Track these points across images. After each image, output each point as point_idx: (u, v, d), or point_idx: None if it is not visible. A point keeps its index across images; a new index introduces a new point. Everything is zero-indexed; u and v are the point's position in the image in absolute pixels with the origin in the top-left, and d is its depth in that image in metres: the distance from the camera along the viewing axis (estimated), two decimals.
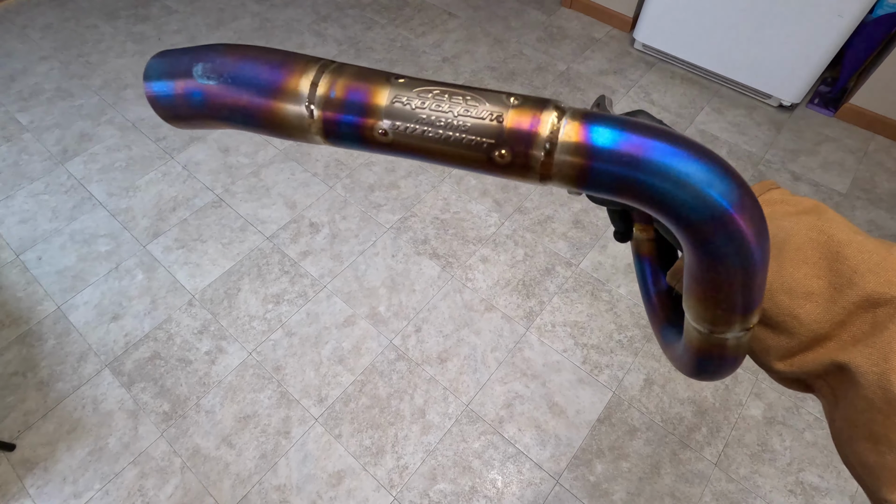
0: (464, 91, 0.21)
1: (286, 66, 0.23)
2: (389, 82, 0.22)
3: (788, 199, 0.27)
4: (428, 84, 0.22)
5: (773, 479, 1.14)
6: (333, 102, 0.22)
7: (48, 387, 1.25)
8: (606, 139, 0.20)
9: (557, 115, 0.20)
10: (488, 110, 0.21)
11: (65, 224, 1.53)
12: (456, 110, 0.21)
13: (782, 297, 0.24)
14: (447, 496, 1.12)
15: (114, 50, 2.04)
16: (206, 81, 0.23)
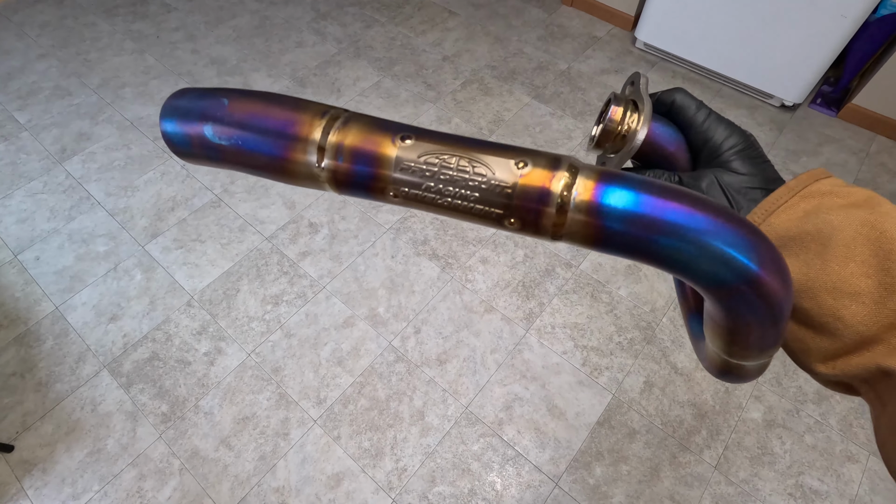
0: (471, 155, 0.21)
1: (293, 125, 0.23)
2: (395, 142, 0.22)
3: (838, 191, 0.25)
4: (433, 144, 0.22)
5: (773, 483, 1.14)
6: (343, 167, 0.22)
7: (46, 388, 1.24)
8: (621, 202, 0.19)
9: (569, 179, 0.20)
10: (496, 181, 0.21)
11: (63, 224, 1.53)
12: (463, 178, 0.21)
13: (826, 296, 0.23)
14: (446, 498, 1.12)
15: (112, 48, 2.03)
16: (218, 141, 0.24)
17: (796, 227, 0.24)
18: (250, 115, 0.23)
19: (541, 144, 1.75)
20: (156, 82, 1.91)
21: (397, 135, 0.22)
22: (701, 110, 0.29)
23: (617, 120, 0.28)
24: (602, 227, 0.20)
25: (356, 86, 1.92)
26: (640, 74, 0.30)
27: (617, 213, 0.19)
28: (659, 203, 0.19)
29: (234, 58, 2.01)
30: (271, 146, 0.23)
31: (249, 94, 0.24)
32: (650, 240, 0.19)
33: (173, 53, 2.02)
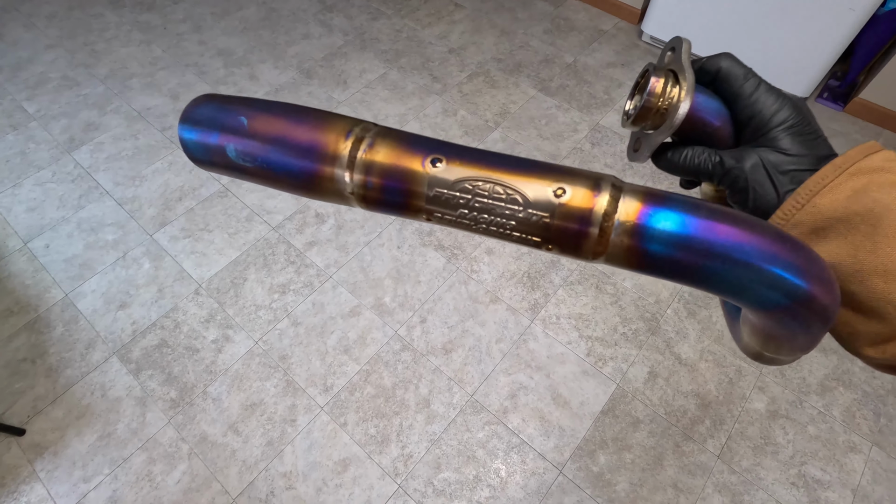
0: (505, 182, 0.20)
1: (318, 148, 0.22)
2: (425, 167, 0.21)
3: (891, 166, 0.23)
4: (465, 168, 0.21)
5: (776, 472, 1.15)
6: (372, 192, 0.22)
7: (57, 373, 1.26)
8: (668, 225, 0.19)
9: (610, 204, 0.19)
10: (534, 210, 0.20)
11: (72, 213, 1.54)
12: (498, 206, 0.20)
13: (876, 280, 0.22)
14: (451, 485, 1.13)
15: (119, 39, 2.04)
16: (241, 162, 0.23)
17: (843, 208, 0.23)
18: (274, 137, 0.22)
19: (546, 137, 1.75)
20: (163, 73, 1.92)
21: (427, 157, 0.21)
22: (749, 80, 0.26)
23: (657, 93, 0.26)
24: (646, 251, 0.19)
25: (362, 77, 1.92)
26: (681, 39, 0.27)
27: (662, 237, 0.19)
28: (706, 227, 0.18)
29: (241, 49, 2.01)
30: (297, 169, 0.22)
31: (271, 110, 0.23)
32: (697, 265, 0.19)
33: (180, 44, 2.02)
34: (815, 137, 0.25)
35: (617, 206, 0.19)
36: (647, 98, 0.26)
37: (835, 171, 0.23)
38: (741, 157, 0.26)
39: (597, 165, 1.68)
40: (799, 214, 0.24)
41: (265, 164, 0.23)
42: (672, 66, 0.27)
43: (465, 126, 1.78)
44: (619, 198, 0.19)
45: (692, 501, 1.12)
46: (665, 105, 0.26)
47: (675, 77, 0.26)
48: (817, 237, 0.24)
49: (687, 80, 0.25)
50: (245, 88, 1.87)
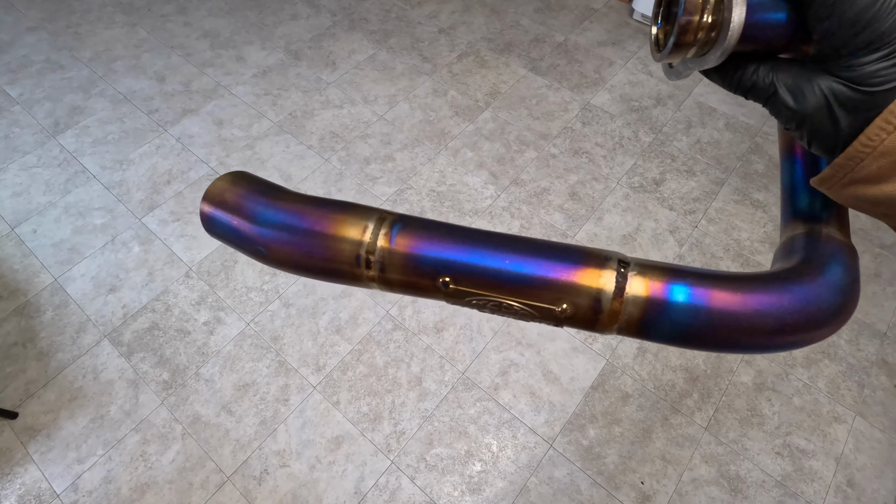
0: (513, 299, 0.22)
1: (335, 270, 0.24)
2: (438, 287, 0.23)
3: None
4: (476, 288, 0.23)
5: (761, 443, 1.17)
6: (392, 289, 0.25)
7: (48, 357, 1.26)
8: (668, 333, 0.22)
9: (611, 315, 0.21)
10: (543, 317, 0.23)
11: (59, 197, 1.52)
12: (512, 311, 0.23)
13: None
14: (443, 460, 1.15)
15: (103, 21, 2.00)
16: (259, 249, 0.25)
17: None
18: (294, 253, 0.24)
19: (537, 117, 1.75)
20: (148, 55, 1.89)
21: (437, 280, 0.23)
22: None
23: (698, 3, 0.20)
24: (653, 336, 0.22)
25: (351, 58, 1.90)
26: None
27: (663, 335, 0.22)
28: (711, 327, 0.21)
29: (227, 30, 1.98)
30: (318, 272, 0.25)
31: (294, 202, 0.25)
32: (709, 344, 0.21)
33: (165, 26, 1.99)
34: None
35: (618, 318, 0.21)
36: (686, 15, 0.20)
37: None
38: (804, 87, 0.20)
39: (587, 145, 1.68)
40: (888, 140, 0.19)
41: (290, 264, 0.25)
42: None
43: (456, 106, 1.77)
44: (620, 310, 0.21)
45: (680, 472, 1.14)
46: (708, 20, 0.20)
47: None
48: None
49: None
50: (232, 70, 1.85)
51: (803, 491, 1.11)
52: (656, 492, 1.12)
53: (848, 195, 0.21)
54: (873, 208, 0.21)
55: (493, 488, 1.12)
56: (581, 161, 1.64)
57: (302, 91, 1.80)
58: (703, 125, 1.74)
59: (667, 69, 0.25)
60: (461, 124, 1.72)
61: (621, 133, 1.72)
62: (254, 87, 1.80)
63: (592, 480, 1.13)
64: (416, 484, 1.12)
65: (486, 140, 1.68)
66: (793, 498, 1.11)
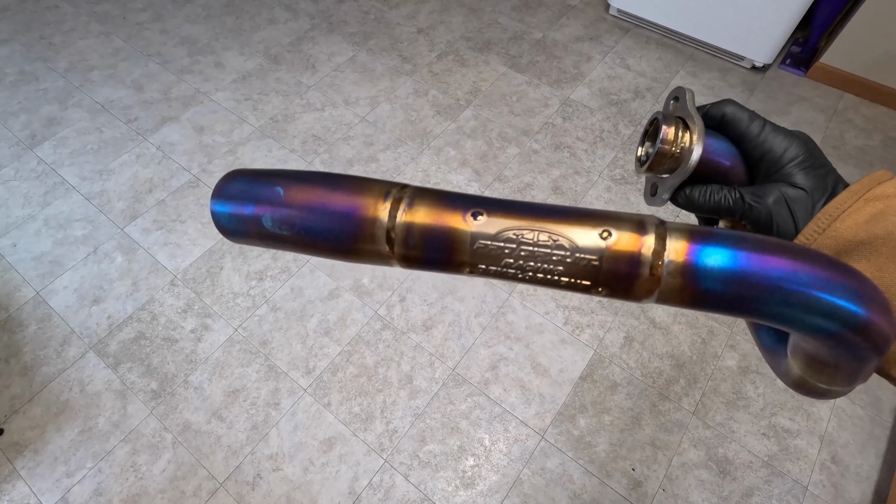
0: (551, 228, 0.20)
1: (356, 211, 0.22)
2: (467, 220, 0.21)
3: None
4: (508, 219, 0.20)
5: (748, 424, 1.20)
6: (414, 252, 0.21)
7: (32, 371, 1.24)
8: (718, 261, 0.19)
9: (659, 243, 0.19)
10: (581, 256, 0.20)
11: (38, 210, 1.50)
12: (545, 256, 0.20)
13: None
14: (436, 456, 1.15)
15: (77, 31, 1.97)
16: (278, 231, 0.23)
17: (865, 232, 0.23)
18: (312, 204, 0.22)
19: (518, 113, 1.76)
20: (125, 64, 1.87)
21: (468, 211, 0.21)
22: (755, 121, 0.28)
23: (670, 139, 0.27)
24: (699, 289, 0.19)
25: (331, 61, 1.90)
26: (684, 89, 0.29)
27: (715, 273, 0.19)
28: (758, 260, 0.18)
29: (205, 37, 1.97)
30: (337, 235, 0.22)
31: (307, 179, 0.23)
32: (752, 298, 0.19)
33: (141, 34, 1.97)
34: (826, 171, 0.27)
35: (665, 245, 0.19)
36: (661, 145, 0.27)
37: (851, 196, 0.24)
38: (762, 193, 0.27)
39: (569, 139, 1.70)
40: (820, 239, 0.25)
41: (304, 230, 0.23)
42: (679, 113, 0.28)
43: (437, 106, 1.78)
44: (666, 237, 0.19)
45: (669, 457, 1.16)
46: (678, 150, 0.27)
47: (684, 123, 0.27)
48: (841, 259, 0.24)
49: (697, 126, 0.26)
50: (211, 76, 1.84)
51: (789, 469, 1.14)
52: (647, 477, 1.14)
53: None
54: None
55: (487, 482, 1.13)
56: (563, 155, 1.66)
57: (282, 95, 1.79)
58: None
59: (648, 198, 0.31)
60: (443, 123, 1.73)
61: (601, 127, 1.74)
62: (234, 93, 1.80)
63: (584, 469, 1.14)
64: (409, 481, 1.13)
65: (468, 138, 1.69)
66: (780, 477, 1.13)
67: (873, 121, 1.77)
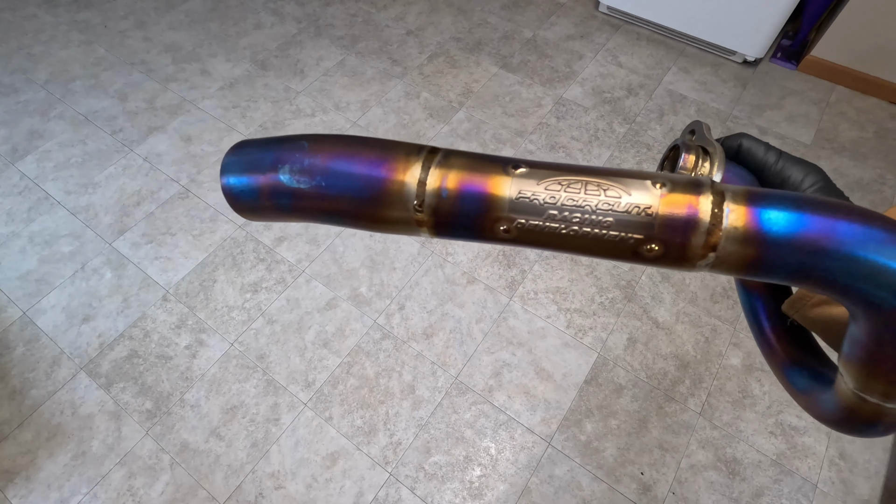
0: (600, 178, 0.19)
1: (387, 161, 0.20)
2: (508, 173, 0.19)
3: None
4: (555, 172, 0.19)
5: (755, 423, 1.19)
6: (447, 202, 0.20)
7: (21, 395, 1.20)
8: (782, 224, 0.17)
9: (716, 200, 0.18)
10: (634, 203, 0.19)
11: (22, 227, 1.46)
12: (594, 204, 0.19)
13: None
14: (442, 467, 1.13)
15: (57, 40, 1.92)
16: (295, 185, 0.21)
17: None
18: (335, 155, 0.21)
19: (511, 114, 1.74)
20: (107, 73, 1.82)
21: (508, 164, 0.20)
22: (770, 151, 0.29)
23: (690, 168, 0.27)
24: (760, 253, 0.18)
25: (319, 65, 1.87)
26: (700, 123, 0.29)
27: (778, 236, 0.17)
28: (826, 220, 0.17)
29: (190, 43, 1.93)
30: (361, 186, 0.20)
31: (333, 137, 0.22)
32: (816, 263, 0.17)
33: (124, 42, 1.92)
34: (841, 197, 0.27)
35: (722, 206, 0.18)
36: (681, 172, 0.26)
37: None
38: None
39: (563, 139, 1.68)
40: None
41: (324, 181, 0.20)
42: (700, 142, 0.28)
43: (429, 108, 1.75)
44: (724, 196, 0.18)
45: (678, 459, 1.15)
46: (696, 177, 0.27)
47: (703, 151, 0.27)
48: None
49: (717, 153, 0.27)
50: (197, 84, 1.80)
51: (798, 467, 1.13)
52: (656, 481, 1.12)
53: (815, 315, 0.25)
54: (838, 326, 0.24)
55: (495, 492, 1.11)
56: (558, 155, 1.65)
57: (271, 101, 1.76)
58: (676, 113, 1.76)
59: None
60: (436, 126, 1.71)
61: (596, 125, 1.72)
62: (221, 101, 1.76)
63: (593, 475, 1.13)
64: (416, 494, 1.10)
65: (462, 140, 1.67)
66: (789, 475, 1.12)
67: (866, 112, 1.78)
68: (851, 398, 0.22)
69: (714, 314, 1.34)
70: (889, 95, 1.79)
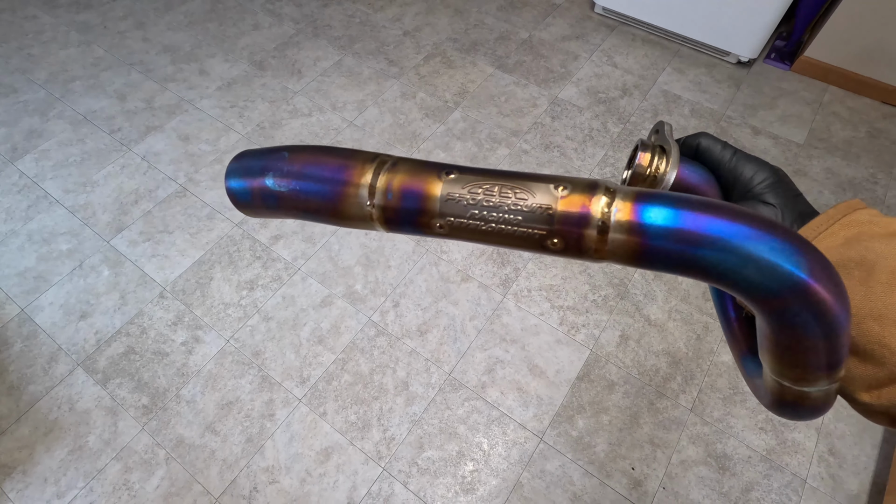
0: (513, 182, 0.22)
1: (347, 168, 0.25)
2: (440, 178, 0.23)
3: (877, 220, 0.25)
4: (478, 178, 0.23)
5: (745, 419, 1.20)
6: (392, 204, 0.24)
7: (19, 391, 1.21)
8: (661, 218, 0.20)
9: (608, 200, 0.21)
10: (538, 203, 0.22)
11: (21, 225, 1.47)
12: (506, 204, 0.22)
13: (871, 323, 0.22)
14: (435, 462, 1.14)
15: (57, 41, 1.94)
16: (277, 188, 0.26)
17: (838, 254, 0.24)
18: (307, 164, 0.25)
19: (507, 114, 1.76)
20: (107, 73, 1.84)
21: (442, 171, 0.23)
22: (727, 149, 0.30)
23: (645, 164, 0.30)
24: (643, 244, 0.20)
25: (317, 66, 1.88)
26: (663, 123, 0.32)
27: (657, 229, 0.20)
28: (698, 216, 0.20)
29: (188, 44, 1.94)
30: (326, 189, 0.25)
31: (307, 148, 0.26)
32: (693, 253, 0.20)
33: (123, 43, 1.94)
34: (795, 194, 0.28)
35: (612, 202, 0.21)
36: (637, 168, 0.30)
37: (828, 220, 0.25)
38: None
39: (558, 138, 1.70)
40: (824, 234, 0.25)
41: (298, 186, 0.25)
42: (660, 142, 0.31)
43: (425, 108, 1.76)
44: (614, 196, 0.21)
45: (668, 455, 1.16)
46: (653, 174, 0.30)
47: (661, 150, 0.30)
48: None
49: (672, 152, 0.29)
50: (195, 84, 1.81)
51: (788, 463, 1.14)
52: (647, 476, 1.13)
53: None
54: None
55: (487, 486, 1.12)
56: (553, 155, 1.66)
57: (268, 101, 1.77)
58: (670, 112, 1.78)
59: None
60: (432, 125, 1.72)
61: (590, 125, 1.74)
62: (219, 100, 1.77)
63: (584, 470, 1.14)
64: (409, 489, 1.11)
65: (457, 140, 1.69)
66: (779, 471, 1.13)
67: (858, 112, 1.79)
68: (773, 384, 0.24)
69: (706, 311, 1.35)
70: (881, 95, 1.80)
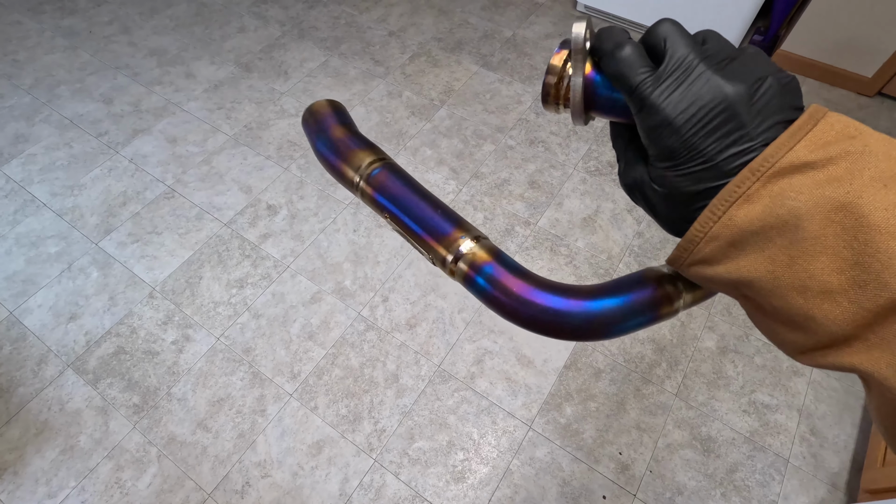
0: (417, 240, 0.31)
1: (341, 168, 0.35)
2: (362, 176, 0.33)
3: (817, 160, 0.20)
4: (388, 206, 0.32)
5: (729, 403, 1.22)
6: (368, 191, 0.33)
7: (9, 393, 1.21)
8: (486, 276, 0.29)
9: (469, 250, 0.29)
10: (434, 255, 0.30)
11: (8, 229, 1.47)
12: (412, 241, 0.31)
13: (795, 296, 0.21)
14: (426, 453, 1.16)
15: (42, 46, 1.94)
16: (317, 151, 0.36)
17: (759, 221, 0.21)
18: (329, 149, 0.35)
19: (492, 111, 1.78)
20: (93, 78, 1.84)
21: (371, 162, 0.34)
22: (694, 51, 0.23)
23: (558, 65, 0.25)
24: (474, 281, 0.29)
25: (303, 67, 1.90)
26: (591, 18, 0.28)
27: (481, 278, 0.29)
28: (503, 283, 0.28)
29: (174, 47, 1.95)
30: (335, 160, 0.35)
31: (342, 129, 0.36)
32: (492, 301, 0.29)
33: (108, 47, 1.94)
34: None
35: (463, 259, 0.29)
36: (548, 70, 0.25)
37: (752, 175, 0.21)
38: (631, 166, 0.26)
39: (543, 134, 1.72)
40: (715, 227, 0.22)
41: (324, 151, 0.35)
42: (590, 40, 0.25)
43: (411, 107, 1.78)
44: (476, 251, 0.29)
45: (655, 439, 1.18)
46: (565, 75, 0.25)
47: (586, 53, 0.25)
48: (736, 250, 0.22)
49: (577, 57, 0.24)
50: (182, 87, 1.82)
51: (770, 444, 1.17)
52: (634, 460, 1.15)
53: (692, 274, 0.25)
54: (714, 286, 0.25)
55: (477, 475, 1.13)
56: (538, 150, 1.68)
57: (255, 103, 1.79)
58: None
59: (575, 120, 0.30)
60: (418, 123, 1.74)
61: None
62: (206, 103, 1.78)
63: (573, 456, 1.16)
64: (400, 479, 1.13)
65: (443, 137, 1.71)
66: (762, 451, 1.16)
67: (835, 104, 1.83)
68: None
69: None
70: (856, 87, 1.84)
